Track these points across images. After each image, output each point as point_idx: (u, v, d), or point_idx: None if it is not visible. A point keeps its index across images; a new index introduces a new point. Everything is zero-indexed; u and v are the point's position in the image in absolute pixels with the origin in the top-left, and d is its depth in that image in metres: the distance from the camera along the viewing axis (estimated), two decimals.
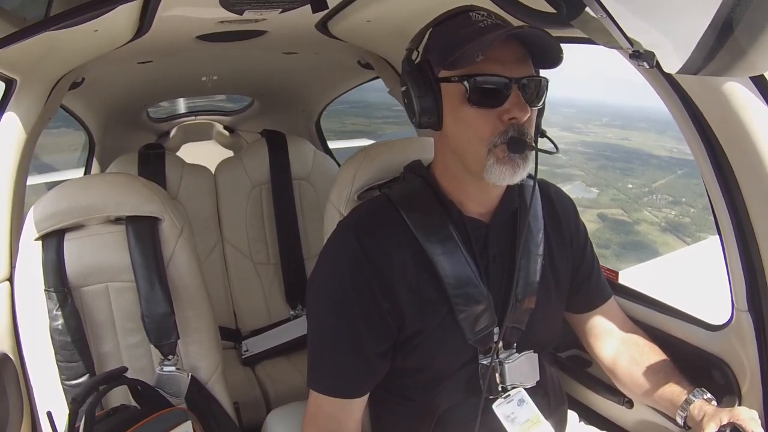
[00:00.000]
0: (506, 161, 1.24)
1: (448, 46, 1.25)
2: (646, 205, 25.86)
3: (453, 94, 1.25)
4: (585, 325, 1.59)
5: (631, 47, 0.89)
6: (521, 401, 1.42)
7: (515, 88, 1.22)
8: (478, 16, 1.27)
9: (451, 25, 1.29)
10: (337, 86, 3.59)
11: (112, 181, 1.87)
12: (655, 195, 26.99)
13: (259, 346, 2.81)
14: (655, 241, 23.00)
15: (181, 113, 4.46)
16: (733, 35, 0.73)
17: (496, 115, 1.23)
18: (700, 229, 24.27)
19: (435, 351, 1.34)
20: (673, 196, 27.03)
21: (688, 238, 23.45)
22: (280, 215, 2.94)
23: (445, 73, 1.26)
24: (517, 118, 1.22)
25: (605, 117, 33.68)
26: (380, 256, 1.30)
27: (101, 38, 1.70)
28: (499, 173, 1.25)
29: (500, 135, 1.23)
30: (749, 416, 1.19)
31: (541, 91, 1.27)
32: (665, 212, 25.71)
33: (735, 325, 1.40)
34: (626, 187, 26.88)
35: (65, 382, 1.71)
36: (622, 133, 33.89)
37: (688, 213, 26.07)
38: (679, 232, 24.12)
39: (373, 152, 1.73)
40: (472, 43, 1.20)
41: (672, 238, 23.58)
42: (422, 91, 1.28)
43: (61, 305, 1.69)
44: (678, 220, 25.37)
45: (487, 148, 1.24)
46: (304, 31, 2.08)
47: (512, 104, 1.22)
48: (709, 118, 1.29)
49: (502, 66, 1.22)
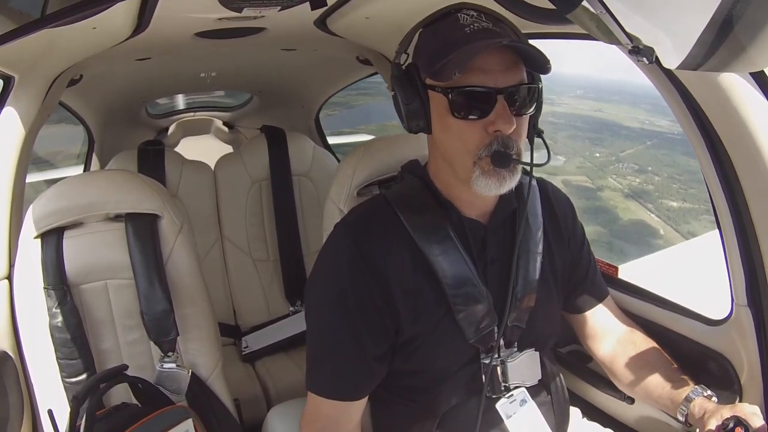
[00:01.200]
0: (491, 174, 1.22)
1: (434, 53, 1.22)
2: (612, 173, 26.04)
3: (439, 103, 1.24)
4: (583, 325, 1.59)
5: (630, 43, 0.89)
6: (523, 401, 1.42)
7: (501, 99, 1.18)
8: (466, 18, 1.23)
9: (440, 28, 1.25)
10: (336, 82, 3.59)
11: (111, 179, 1.87)
12: (622, 164, 27.13)
13: (259, 342, 2.80)
14: (617, 206, 23.15)
15: (180, 109, 4.44)
16: (733, 31, 0.73)
17: (482, 126, 1.20)
18: (662, 196, 24.50)
19: (435, 351, 1.34)
20: (639, 165, 27.15)
21: (649, 204, 23.67)
22: (280, 212, 2.94)
23: (431, 81, 1.24)
24: (502, 130, 1.19)
25: (579, 89, 33.65)
26: (378, 258, 1.30)
27: (100, 35, 1.70)
28: (485, 185, 1.23)
29: (485, 148, 1.21)
30: (751, 411, 1.20)
31: (531, 99, 1.23)
32: (629, 180, 25.85)
33: (735, 319, 1.40)
34: (593, 156, 27.02)
35: (65, 379, 1.71)
36: (595, 105, 33.85)
37: (652, 181, 26.21)
38: (641, 199, 24.23)
39: (372, 148, 1.73)
40: (455, 54, 1.17)
41: (634, 204, 23.73)
42: (410, 98, 1.26)
43: (61, 303, 1.69)
44: (641, 188, 25.46)
45: (472, 159, 1.22)
46: (303, 28, 2.07)
47: (497, 116, 1.19)
48: (709, 113, 1.29)
49: (486, 76, 1.18)
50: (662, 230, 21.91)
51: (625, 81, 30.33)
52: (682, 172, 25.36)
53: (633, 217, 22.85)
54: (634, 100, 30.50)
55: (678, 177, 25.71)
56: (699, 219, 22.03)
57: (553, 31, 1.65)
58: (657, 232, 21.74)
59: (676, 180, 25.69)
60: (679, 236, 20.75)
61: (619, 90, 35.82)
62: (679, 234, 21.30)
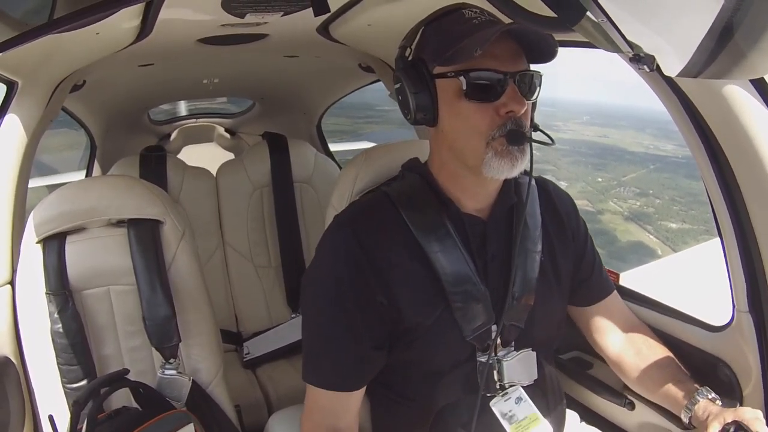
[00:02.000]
0: (505, 154, 1.24)
1: (443, 42, 1.26)
2: (613, 196, 26.56)
3: (449, 89, 1.26)
4: (589, 320, 1.59)
5: (631, 51, 0.89)
6: (519, 399, 1.42)
7: (511, 83, 1.23)
8: (471, 13, 1.29)
9: (445, 23, 1.29)
10: (338, 89, 3.60)
11: (113, 184, 1.87)
12: (623, 188, 27.63)
13: (261, 348, 2.80)
14: (616, 228, 23.64)
15: (182, 116, 4.46)
16: (733, 38, 0.74)
17: (494, 108, 1.24)
18: (661, 218, 25.08)
19: (433, 347, 1.35)
20: (640, 189, 27.66)
21: (649, 226, 24.20)
22: (281, 218, 2.94)
23: (441, 69, 1.26)
24: (515, 111, 1.23)
25: (586, 115, 34.11)
26: (376, 250, 1.31)
27: (103, 41, 1.70)
28: (498, 166, 1.25)
29: (498, 128, 1.24)
30: (753, 416, 1.19)
31: (535, 86, 1.28)
32: (630, 203, 26.38)
33: (736, 325, 1.40)
34: (595, 181, 27.52)
35: (66, 385, 1.71)
36: (600, 131, 34.46)
37: (652, 204, 26.73)
38: (641, 221, 24.76)
39: (374, 155, 1.73)
40: (469, 39, 1.21)
41: (634, 227, 24.24)
42: (417, 87, 1.28)
43: (62, 308, 1.69)
44: (642, 210, 25.99)
45: (485, 141, 1.24)
46: (305, 34, 2.08)
47: (509, 98, 1.23)
48: (710, 120, 1.29)
49: (498, 61, 1.22)
50: (660, 250, 22.39)
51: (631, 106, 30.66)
52: (683, 195, 25.92)
53: (632, 239, 23.29)
54: (640, 125, 30.74)
55: (679, 199, 26.24)
56: (697, 239, 22.58)
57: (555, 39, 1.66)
58: (654, 252, 22.18)
59: (677, 202, 26.21)
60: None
61: (625, 115, 36.09)
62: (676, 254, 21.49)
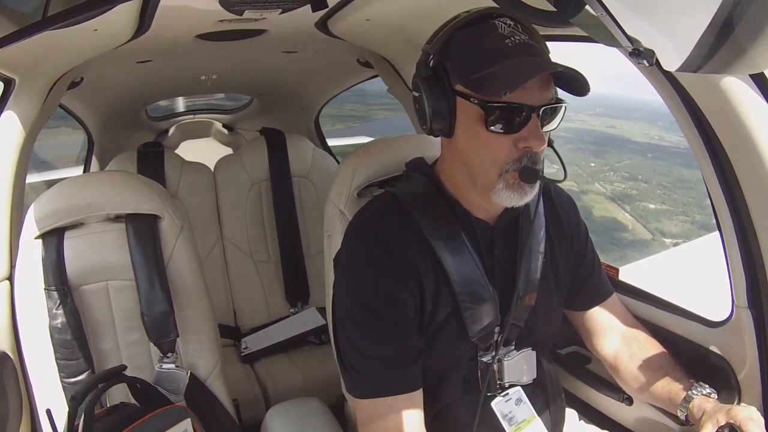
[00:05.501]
0: (515, 188, 1.24)
1: (472, 61, 1.21)
2: (600, 179, 26.99)
3: (470, 112, 1.22)
4: (587, 323, 1.59)
5: (631, 45, 0.89)
6: (519, 400, 1.43)
7: (534, 116, 1.20)
8: (504, 27, 1.21)
9: (475, 33, 1.22)
10: (336, 84, 3.59)
11: (111, 179, 1.87)
12: (614, 173, 28.08)
13: (259, 343, 2.81)
14: (594, 206, 24.10)
15: (180, 111, 4.45)
16: (733, 33, 0.73)
17: (512, 140, 1.21)
18: (642, 200, 25.76)
19: (441, 347, 1.35)
20: (630, 174, 28.08)
21: (627, 206, 24.79)
22: (280, 213, 2.94)
23: (464, 89, 1.22)
24: (533, 147, 1.21)
25: (599, 107, 34.15)
26: (396, 254, 1.31)
27: (100, 37, 1.70)
28: (508, 197, 1.25)
29: (513, 162, 1.22)
30: (747, 415, 1.18)
31: (558, 116, 1.25)
32: (615, 185, 26.84)
33: (735, 321, 1.40)
34: (588, 165, 27.85)
35: (64, 380, 1.70)
36: (610, 122, 34.63)
37: (638, 187, 27.19)
38: (621, 201, 25.32)
39: (372, 149, 1.73)
40: (501, 70, 1.16)
41: (613, 206, 24.81)
42: (436, 103, 1.24)
43: (61, 303, 1.69)
44: (625, 192, 26.48)
45: (498, 172, 1.23)
46: (303, 30, 2.07)
47: (530, 133, 1.20)
48: (709, 115, 1.29)
49: (526, 93, 1.18)
50: (631, 226, 23.35)
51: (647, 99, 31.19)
52: (672, 180, 26.57)
53: (607, 215, 24.00)
54: (653, 117, 31.05)
55: (666, 184, 26.85)
56: (671, 219, 24.08)
57: (554, 33, 1.65)
58: (625, 227, 23.21)
59: (663, 187, 26.80)
60: (646, 231, 22.98)
61: (639, 108, 36.28)
62: (646, 230, 23.26)
